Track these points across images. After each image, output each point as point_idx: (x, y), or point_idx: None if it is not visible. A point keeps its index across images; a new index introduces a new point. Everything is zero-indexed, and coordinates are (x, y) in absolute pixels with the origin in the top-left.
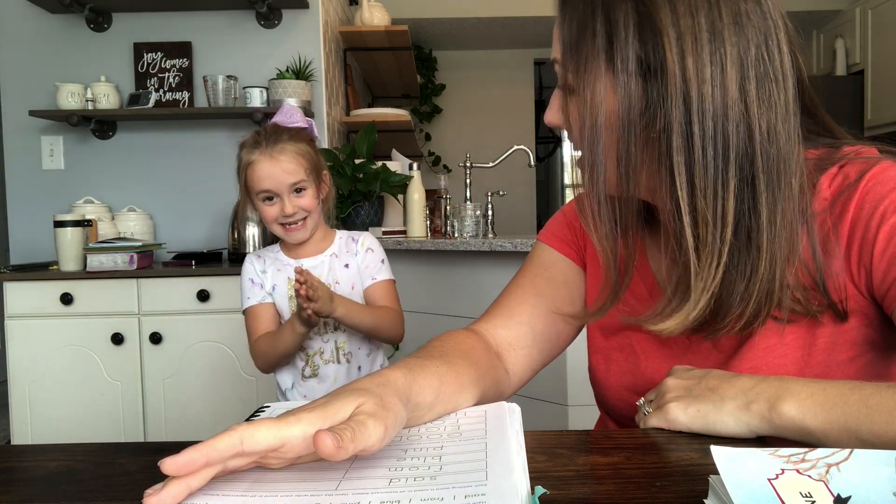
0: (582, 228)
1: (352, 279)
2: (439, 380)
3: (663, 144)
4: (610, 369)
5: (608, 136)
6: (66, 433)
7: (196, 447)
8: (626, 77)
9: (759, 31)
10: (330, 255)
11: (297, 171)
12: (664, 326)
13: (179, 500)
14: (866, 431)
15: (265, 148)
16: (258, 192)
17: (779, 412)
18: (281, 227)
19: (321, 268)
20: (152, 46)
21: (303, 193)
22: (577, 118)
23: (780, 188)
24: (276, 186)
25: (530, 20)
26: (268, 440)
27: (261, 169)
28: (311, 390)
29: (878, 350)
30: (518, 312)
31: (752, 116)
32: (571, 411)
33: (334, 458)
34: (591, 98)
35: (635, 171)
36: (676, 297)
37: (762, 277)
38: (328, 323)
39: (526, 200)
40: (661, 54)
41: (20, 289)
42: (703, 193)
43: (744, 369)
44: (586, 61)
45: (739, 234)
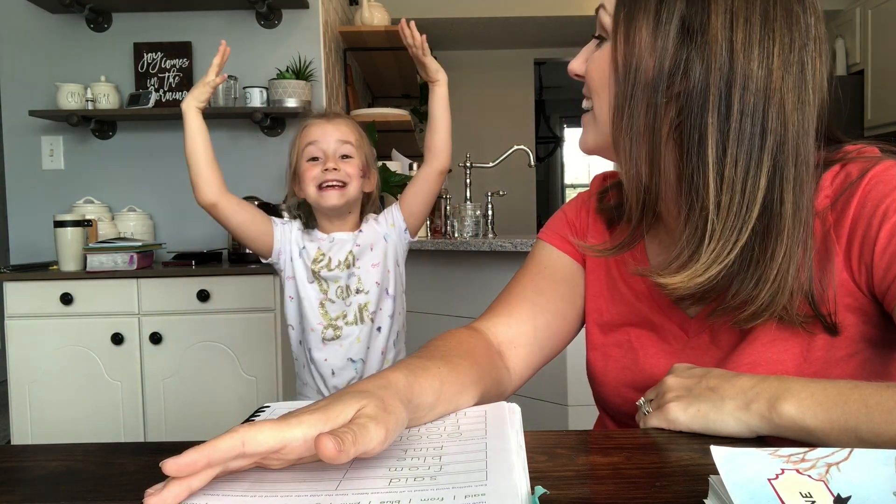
0: (582, 227)
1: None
2: (440, 381)
3: (695, 105)
4: (608, 366)
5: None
6: (66, 433)
7: (197, 448)
8: (667, 31)
9: (804, 36)
10: (359, 231)
11: (347, 135)
12: (669, 281)
13: (180, 500)
14: (866, 431)
15: (325, 115)
16: (305, 145)
17: (779, 412)
18: (317, 189)
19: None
20: (152, 46)
21: (349, 160)
22: (612, 64)
23: (800, 187)
24: (324, 140)
25: (530, 20)
26: (269, 442)
27: (314, 126)
28: (334, 354)
29: (878, 347)
30: (519, 310)
31: (787, 111)
32: (571, 411)
33: (335, 462)
34: (631, 50)
35: (659, 123)
36: (685, 253)
37: (780, 268)
38: (349, 286)
39: (526, 200)
40: (704, 19)
41: (20, 289)
42: (733, 162)
43: (742, 365)
44: (635, 10)
45: (764, 216)
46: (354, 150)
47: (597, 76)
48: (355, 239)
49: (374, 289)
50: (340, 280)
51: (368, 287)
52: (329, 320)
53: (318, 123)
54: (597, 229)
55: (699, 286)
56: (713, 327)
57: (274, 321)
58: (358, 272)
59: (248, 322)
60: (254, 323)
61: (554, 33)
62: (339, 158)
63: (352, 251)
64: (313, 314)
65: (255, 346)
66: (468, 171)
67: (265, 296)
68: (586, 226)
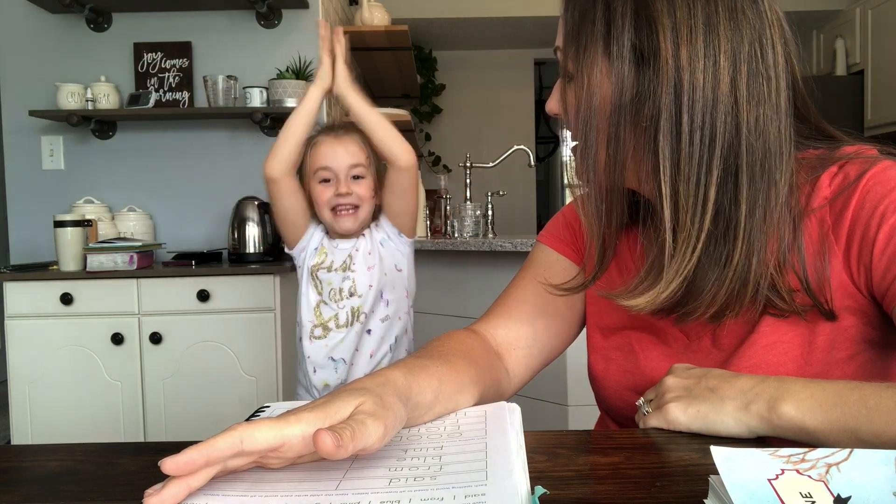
0: (581, 229)
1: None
2: (439, 380)
3: (651, 130)
4: (609, 369)
5: (600, 121)
6: (66, 433)
7: (196, 447)
8: (621, 63)
9: (754, 29)
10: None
11: (357, 155)
12: (634, 303)
13: (180, 499)
14: (866, 431)
15: (332, 130)
16: (317, 169)
17: (778, 413)
18: (332, 212)
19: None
20: (152, 46)
21: (360, 181)
22: (574, 103)
23: (764, 183)
24: (335, 163)
25: (530, 20)
26: (267, 440)
27: (324, 146)
28: (317, 351)
29: (878, 348)
30: (518, 312)
31: (740, 110)
32: (571, 411)
33: (334, 457)
34: (588, 83)
35: (623, 156)
36: (650, 276)
37: (736, 267)
38: (342, 289)
39: (526, 200)
40: (655, 43)
41: (20, 289)
42: (685, 180)
43: (743, 367)
44: (585, 47)
45: (718, 223)
46: (365, 169)
47: (568, 113)
48: (355, 244)
49: (368, 292)
50: (334, 283)
51: (362, 290)
52: (321, 321)
53: (328, 143)
54: None
55: (664, 302)
56: (714, 330)
57: (274, 321)
58: (353, 276)
59: (248, 322)
60: (254, 323)
61: (554, 33)
62: (350, 180)
63: (350, 255)
64: (307, 311)
65: (255, 346)
66: (468, 171)
67: (265, 296)
68: None
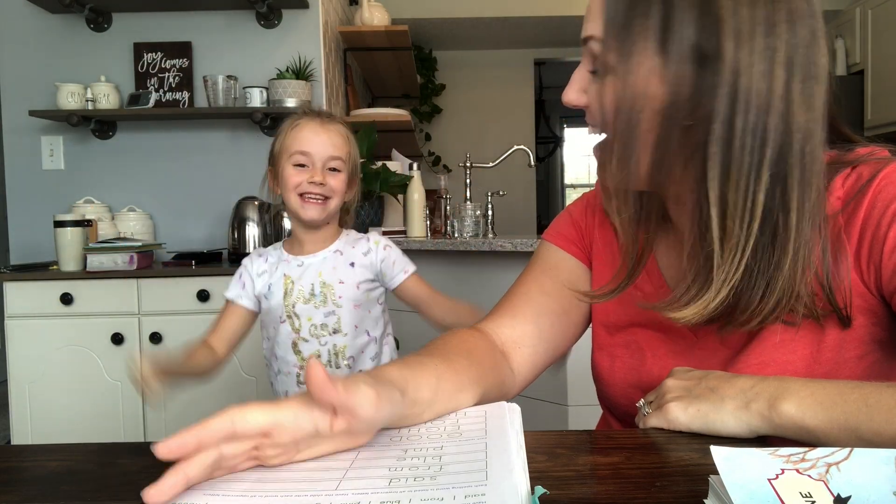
0: (588, 227)
1: (358, 278)
2: (437, 377)
3: (700, 133)
4: (615, 366)
5: (646, 121)
6: (66, 433)
7: (188, 430)
8: (680, 62)
9: (808, 30)
10: (333, 251)
11: (341, 147)
12: (681, 315)
13: (178, 489)
14: (866, 430)
15: (317, 117)
16: (294, 152)
17: (779, 411)
18: (300, 197)
19: (323, 265)
20: (152, 46)
21: (336, 174)
22: (612, 100)
23: (809, 188)
24: (316, 151)
25: (530, 20)
26: (258, 421)
27: (307, 130)
28: None
29: (887, 349)
30: (523, 311)
31: (791, 114)
32: (571, 411)
33: (323, 392)
34: (635, 80)
35: (670, 161)
36: (695, 285)
37: (785, 275)
38: (325, 325)
39: (526, 200)
40: (716, 43)
41: (20, 289)
42: (735, 185)
43: (752, 365)
44: (634, 42)
45: (765, 229)
46: (344, 164)
47: (603, 109)
48: (333, 261)
49: (353, 331)
50: (315, 317)
51: (347, 329)
52: (301, 361)
53: (311, 128)
54: (605, 233)
55: (712, 312)
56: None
57: None
58: (338, 311)
59: None
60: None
61: (554, 33)
62: (326, 171)
63: (321, 273)
64: (287, 355)
65: (256, 346)
66: (468, 171)
67: None
68: (593, 227)
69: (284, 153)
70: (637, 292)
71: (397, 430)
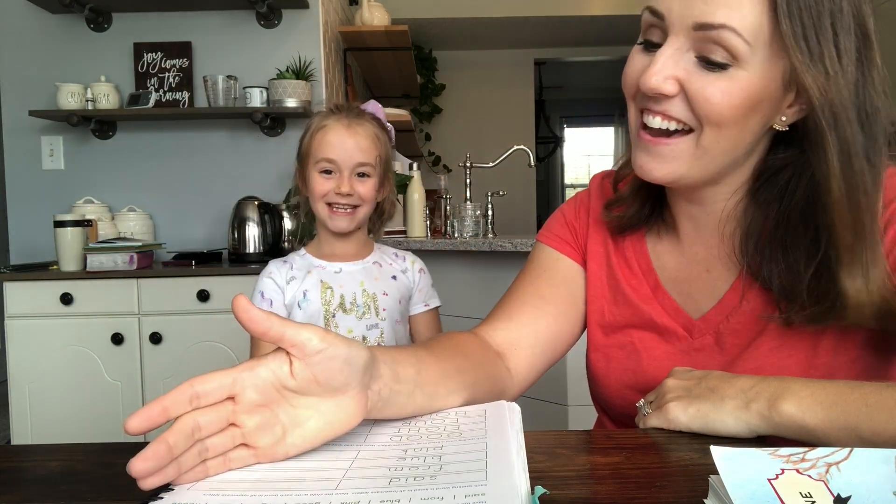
0: (581, 228)
1: (399, 293)
2: (416, 358)
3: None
4: (610, 367)
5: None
6: (66, 433)
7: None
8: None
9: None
10: (372, 262)
11: (369, 152)
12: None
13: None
14: (866, 429)
15: (344, 117)
16: (320, 159)
17: (778, 410)
18: (328, 207)
19: (365, 274)
20: (152, 46)
21: (365, 180)
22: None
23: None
24: (342, 158)
25: (530, 20)
26: (216, 378)
27: (333, 135)
28: None
29: (879, 352)
30: (519, 314)
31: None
32: (571, 411)
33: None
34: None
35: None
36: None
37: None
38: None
39: (526, 200)
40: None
41: (20, 289)
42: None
43: (748, 369)
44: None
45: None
46: (373, 165)
47: (725, 106)
48: (374, 271)
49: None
50: (356, 329)
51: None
52: None
53: (337, 132)
54: (598, 233)
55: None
56: (718, 330)
57: None
58: (381, 324)
59: None
60: None
61: (554, 33)
62: (354, 177)
63: (363, 283)
64: None
65: None
66: (468, 171)
67: None
68: (586, 227)
69: (310, 158)
70: (633, 294)
71: (397, 430)
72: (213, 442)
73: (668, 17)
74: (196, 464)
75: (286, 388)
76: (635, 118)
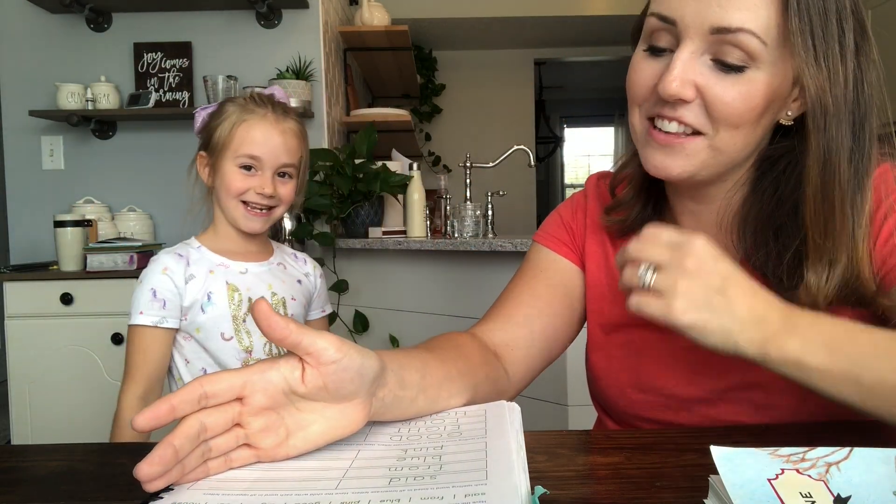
0: (579, 229)
1: (305, 297)
2: (422, 362)
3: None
4: (611, 366)
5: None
6: (66, 433)
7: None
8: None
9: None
10: (277, 263)
11: (294, 152)
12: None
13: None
14: (869, 377)
15: (271, 112)
16: (242, 154)
17: (780, 345)
18: (244, 205)
19: (272, 276)
20: (152, 46)
21: (287, 181)
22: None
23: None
24: (268, 157)
25: (530, 20)
26: (227, 379)
27: (259, 131)
28: None
29: None
30: (515, 315)
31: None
32: (571, 411)
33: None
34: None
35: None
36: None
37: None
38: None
39: (526, 200)
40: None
41: (20, 289)
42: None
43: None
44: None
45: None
46: (296, 167)
47: (743, 108)
48: (280, 274)
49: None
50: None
51: None
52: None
53: (264, 129)
54: (596, 233)
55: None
56: None
57: None
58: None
59: None
60: None
61: (554, 33)
62: (276, 177)
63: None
64: None
65: None
66: (468, 171)
67: None
68: (584, 227)
69: (228, 151)
70: None
71: (397, 430)
72: (216, 442)
73: (681, 21)
74: (199, 464)
75: (294, 394)
76: (641, 124)
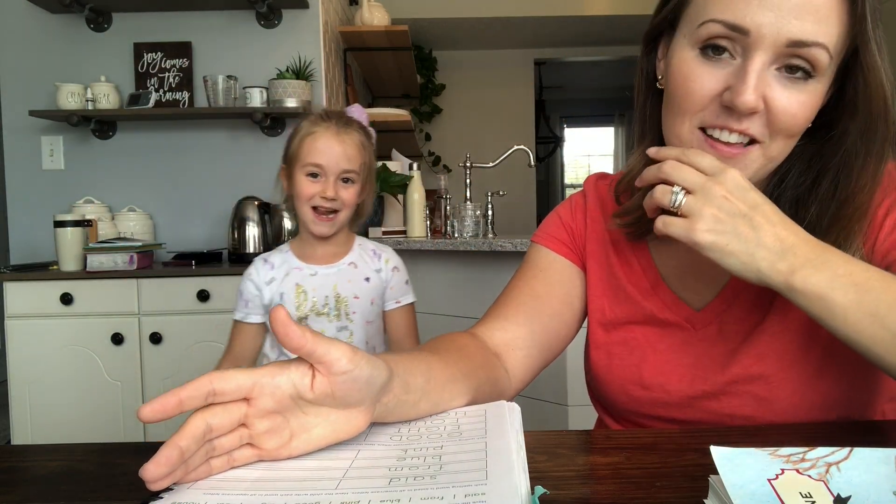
0: (579, 229)
1: (372, 294)
2: (427, 365)
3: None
4: (612, 364)
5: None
6: (66, 433)
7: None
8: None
9: None
10: (348, 263)
11: (355, 160)
12: None
13: (173, 460)
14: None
15: (334, 125)
16: (308, 163)
17: (805, 276)
18: (313, 210)
19: (338, 277)
20: (152, 46)
21: (349, 186)
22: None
23: None
24: (329, 164)
25: (530, 20)
26: (236, 378)
27: (323, 142)
28: None
29: None
30: (515, 314)
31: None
32: (571, 411)
33: (287, 334)
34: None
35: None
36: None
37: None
38: (328, 313)
39: (526, 200)
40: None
41: (20, 289)
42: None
43: (750, 356)
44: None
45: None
46: (358, 172)
47: (804, 118)
48: (348, 274)
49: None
50: (328, 331)
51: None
52: None
53: (326, 140)
54: (596, 233)
55: None
56: (721, 319)
57: None
58: (351, 326)
59: None
60: None
61: (554, 33)
62: (339, 182)
63: (336, 286)
64: None
65: None
66: (468, 171)
67: None
68: (584, 228)
69: (298, 161)
70: (633, 290)
71: (397, 430)
72: (220, 442)
73: (756, 32)
74: (202, 463)
75: (302, 399)
76: (693, 134)
